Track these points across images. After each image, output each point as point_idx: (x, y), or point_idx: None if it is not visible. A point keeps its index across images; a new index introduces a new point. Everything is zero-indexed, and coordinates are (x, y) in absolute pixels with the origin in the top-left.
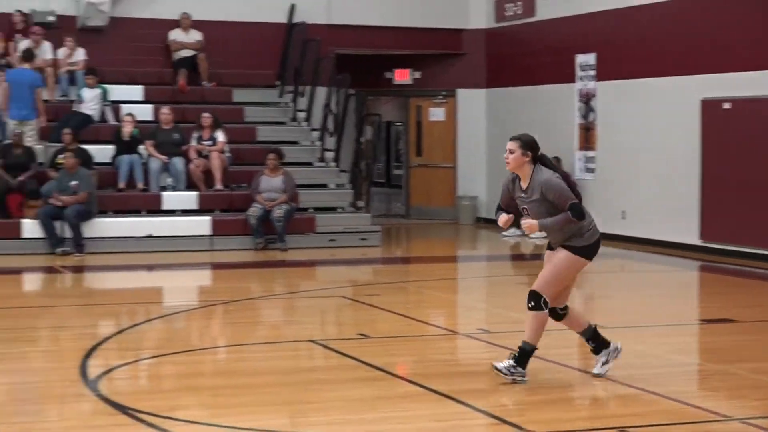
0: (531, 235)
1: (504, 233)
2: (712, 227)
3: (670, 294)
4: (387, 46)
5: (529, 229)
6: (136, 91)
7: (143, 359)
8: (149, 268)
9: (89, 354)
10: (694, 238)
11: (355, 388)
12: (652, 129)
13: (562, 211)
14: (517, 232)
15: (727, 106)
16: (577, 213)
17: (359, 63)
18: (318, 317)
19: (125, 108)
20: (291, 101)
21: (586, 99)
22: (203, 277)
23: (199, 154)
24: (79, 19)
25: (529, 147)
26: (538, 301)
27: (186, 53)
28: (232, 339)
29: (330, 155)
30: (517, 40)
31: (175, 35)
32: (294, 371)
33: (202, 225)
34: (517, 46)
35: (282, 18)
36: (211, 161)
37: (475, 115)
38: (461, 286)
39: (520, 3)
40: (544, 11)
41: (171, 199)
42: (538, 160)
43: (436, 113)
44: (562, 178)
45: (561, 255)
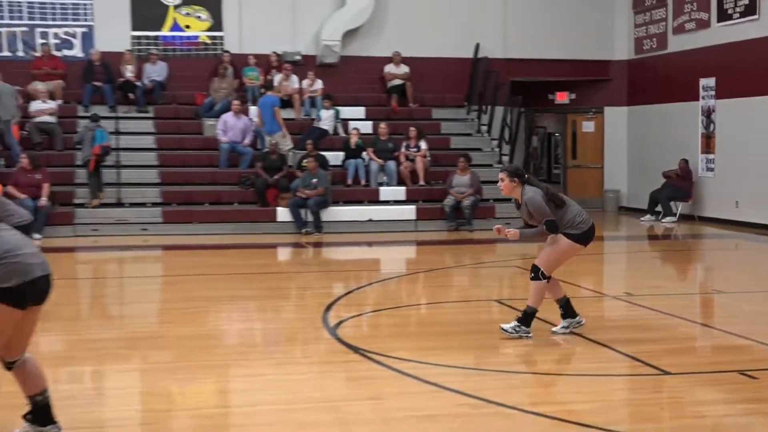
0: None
1: (641, 219)
2: None
3: None
4: (550, 74)
5: (512, 236)
6: (360, 111)
7: (366, 313)
8: (369, 244)
9: (327, 308)
10: None
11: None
12: (760, 136)
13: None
14: (652, 219)
15: None
16: (550, 227)
17: (528, 87)
18: (497, 282)
19: (352, 124)
20: (476, 117)
21: (707, 114)
22: (409, 252)
23: (407, 158)
24: (318, 58)
25: (515, 175)
26: (537, 273)
27: (397, 82)
28: (431, 298)
29: (506, 159)
30: (652, 68)
31: (389, 68)
32: (479, 323)
33: (408, 212)
34: (652, 72)
35: (469, 54)
36: (416, 164)
37: (618, 127)
38: (608, 260)
39: (654, 39)
40: (674, 45)
41: (386, 192)
42: (525, 182)
43: (588, 126)
44: (546, 193)
45: (563, 241)
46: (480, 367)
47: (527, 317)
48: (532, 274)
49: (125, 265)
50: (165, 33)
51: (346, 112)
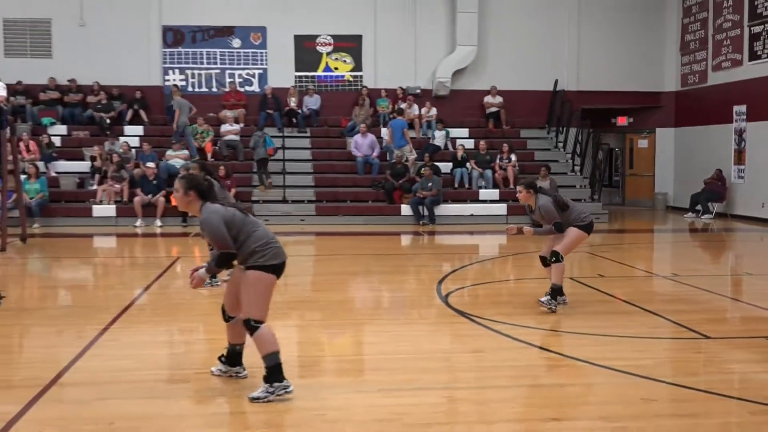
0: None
1: (684, 216)
2: None
3: None
4: (613, 103)
5: (527, 233)
6: (464, 131)
7: (468, 286)
8: (471, 233)
9: (439, 282)
10: None
11: (594, 305)
12: None
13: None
14: (693, 216)
15: None
16: (557, 227)
17: (595, 113)
18: (569, 264)
19: (458, 141)
20: (554, 136)
21: (740, 133)
22: (501, 239)
23: (500, 167)
24: (433, 91)
25: (530, 187)
26: (557, 256)
27: (493, 109)
28: (518, 275)
29: (577, 168)
30: (695, 98)
31: (487, 99)
32: None
33: (501, 209)
34: (695, 101)
35: (549, 87)
36: (507, 172)
37: (666, 144)
38: (657, 247)
39: (697, 75)
40: (712, 80)
41: (484, 193)
42: (537, 191)
43: (642, 143)
44: (554, 199)
45: (573, 231)
46: (557, 329)
47: (555, 292)
48: (553, 258)
49: (288, 247)
50: (319, 73)
51: (454, 132)
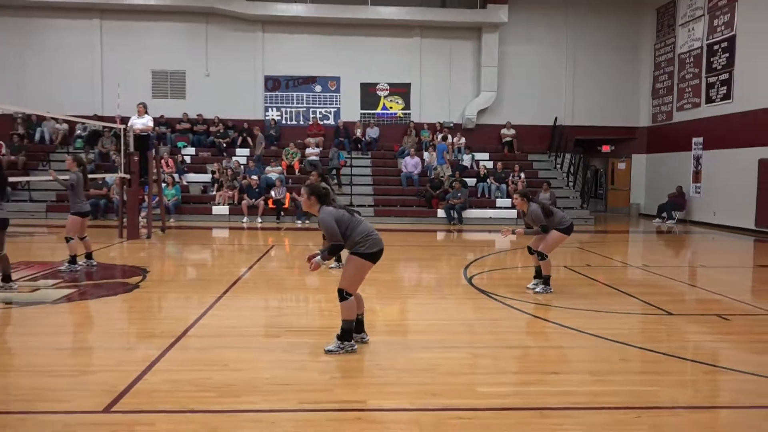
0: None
1: (653, 221)
2: (763, 218)
3: (734, 250)
4: (599, 134)
5: (519, 234)
6: (486, 155)
7: (486, 271)
8: (489, 231)
9: (466, 267)
10: (750, 224)
11: (583, 288)
12: (730, 173)
13: (537, 226)
14: (659, 221)
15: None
16: (544, 229)
17: (586, 142)
18: (564, 255)
19: (481, 162)
20: (554, 159)
21: (697, 159)
22: (511, 236)
23: (512, 182)
24: (463, 124)
25: (524, 196)
26: (543, 256)
27: (508, 138)
28: (525, 263)
29: (571, 184)
30: (662, 131)
31: (503, 131)
32: (554, 279)
33: (512, 214)
34: (662, 134)
35: (550, 122)
36: (517, 185)
37: (640, 166)
38: (631, 244)
39: (664, 114)
40: (676, 117)
41: (500, 202)
42: (530, 200)
43: (621, 165)
44: (541, 207)
45: (554, 233)
46: (555, 305)
47: (547, 280)
48: (541, 257)
49: None
50: (378, 111)
51: (478, 155)
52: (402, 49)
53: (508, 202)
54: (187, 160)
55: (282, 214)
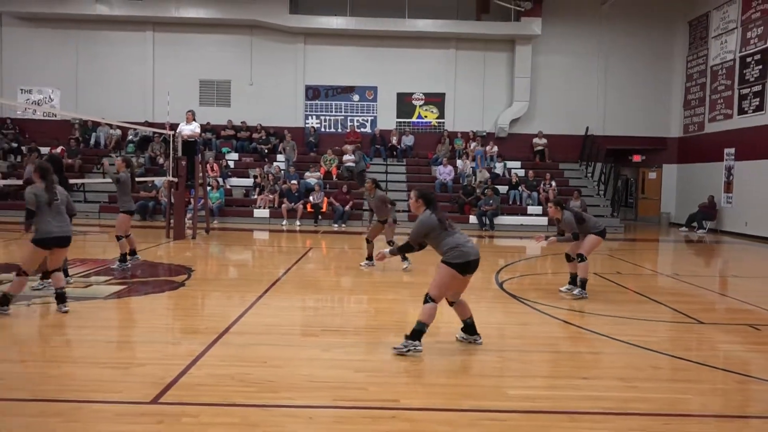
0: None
1: (680, 230)
2: None
3: (767, 260)
4: (631, 144)
5: (550, 242)
6: (518, 164)
7: (517, 276)
8: (520, 238)
9: (498, 272)
10: None
11: (613, 295)
12: (761, 183)
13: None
14: (686, 230)
15: None
16: (574, 236)
17: (617, 152)
18: (594, 263)
19: (513, 170)
20: (585, 168)
21: (729, 170)
22: (542, 243)
23: (544, 190)
24: (496, 134)
25: (558, 204)
26: (582, 257)
27: (539, 147)
28: (556, 269)
29: (602, 192)
30: (694, 141)
31: (535, 140)
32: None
33: (543, 221)
34: (694, 144)
35: (581, 132)
36: (548, 193)
37: (670, 176)
38: (661, 253)
39: (696, 124)
40: (708, 128)
41: (531, 209)
42: (564, 208)
43: (652, 175)
44: (574, 214)
45: (591, 237)
46: (584, 311)
47: (583, 283)
48: (579, 259)
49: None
50: (413, 119)
51: (510, 164)
52: (437, 60)
53: (539, 209)
54: (231, 165)
55: (320, 217)
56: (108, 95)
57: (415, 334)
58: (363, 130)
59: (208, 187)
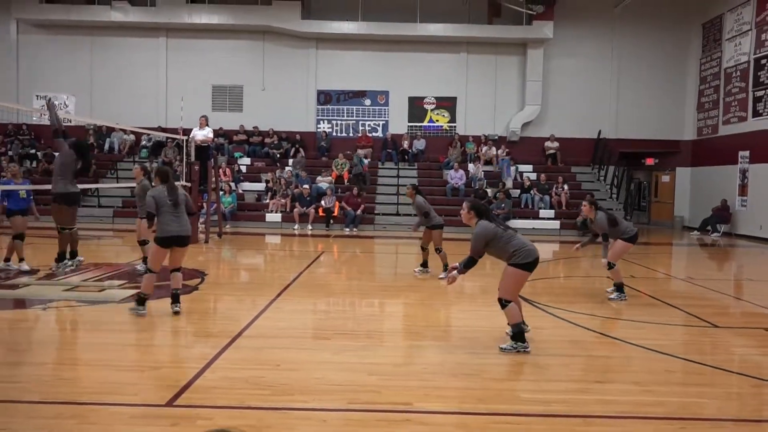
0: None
1: (691, 233)
2: None
3: None
4: (643, 147)
5: (581, 246)
6: (530, 167)
7: (529, 280)
8: (532, 242)
9: None
10: None
11: (628, 298)
12: None
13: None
14: (698, 233)
15: None
16: (604, 238)
17: (630, 155)
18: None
19: (525, 174)
20: (597, 171)
21: (743, 173)
22: (555, 247)
23: (556, 194)
24: (508, 137)
25: (593, 203)
26: (610, 264)
27: (551, 151)
28: (567, 273)
29: (614, 196)
30: (708, 144)
31: (547, 143)
32: (592, 289)
33: (555, 224)
34: (708, 147)
35: (594, 135)
36: (561, 197)
37: (684, 179)
38: (675, 256)
39: (710, 127)
40: (722, 131)
41: (543, 213)
42: (598, 208)
43: (665, 178)
44: (607, 216)
45: (619, 243)
46: (597, 314)
47: (619, 287)
48: (608, 266)
49: (400, 247)
50: (425, 123)
51: (522, 167)
52: (449, 64)
53: (551, 213)
54: (243, 169)
55: (331, 222)
56: (122, 101)
57: (516, 335)
58: (374, 134)
59: (221, 192)
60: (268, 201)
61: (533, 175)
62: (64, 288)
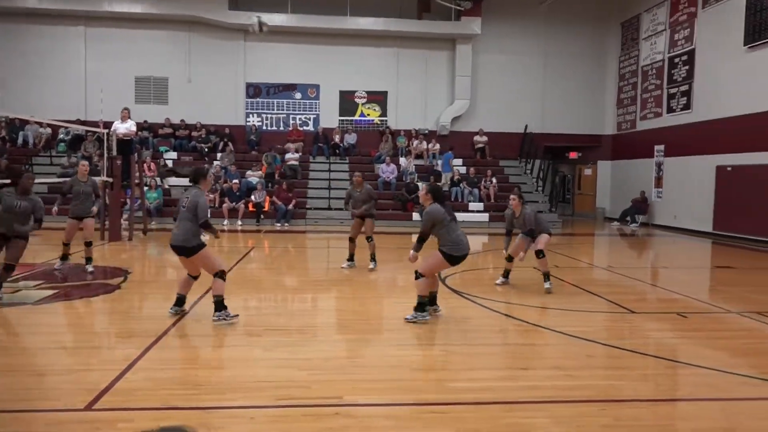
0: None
1: (611, 224)
2: (720, 222)
3: (693, 252)
4: (567, 142)
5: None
6: (460, 161)
7: (459, 272)
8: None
9: None
10: (708, 227)
11: (542, 286)
12: (688, 178)
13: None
14: (618, 224)
15: (729, 168)
16: (530, 233)
17: (554, 149)
18: (532, 260)
19: (455, 168)
20: (524, 165)
21: (659, 166)
22: (484, 239)
23: (485, 187)
24: (438, 131)
25: (520, 197)
26: (540, 254)
27: (480, 145)
28: (496, 264)
29: (540, 189)
30: (627, 138)
31: (476, 138)
32: (523, 278)
33: (484, 217)
34: (626, 141)
35: (521, 129)
36: (489, 190)
37: (605, 172)
38: (597, 246)
39: (629, 122)
40: (639, 126)
41: (472, 206)
42: (524, 201)
43: (587, 171)
44: (533, 212)
45: (545, 236)
46: (523, 303)
47: (546, 276)
48: (539, 255)
49: (332, 241)
50: (356, 117)
51: (455, 162)
52: (380, 59)
53: (480, 206)
54: (169, 164)
55: (262, 217)
56: (38, 92)
57: (419, 306)
58: (306, 128)
59: (145, 188)
60: None
61: (463, 169)
62: None
